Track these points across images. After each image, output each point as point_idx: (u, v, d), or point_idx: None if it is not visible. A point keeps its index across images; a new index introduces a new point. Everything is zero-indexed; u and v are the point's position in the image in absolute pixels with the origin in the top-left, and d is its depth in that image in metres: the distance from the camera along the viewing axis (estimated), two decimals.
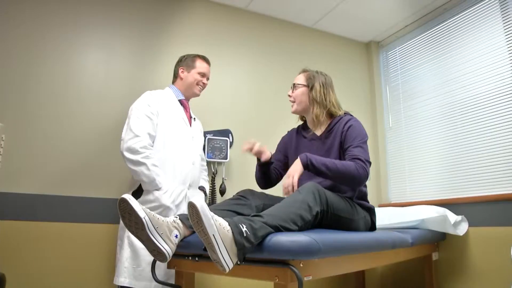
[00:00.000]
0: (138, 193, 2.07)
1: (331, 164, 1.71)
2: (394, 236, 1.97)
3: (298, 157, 1.74)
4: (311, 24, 3.46)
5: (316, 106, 1.97)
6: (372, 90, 3.64)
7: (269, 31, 3.30)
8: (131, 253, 1.99)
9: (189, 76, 2.32)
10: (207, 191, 2.48)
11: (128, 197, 1.41)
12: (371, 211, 1.92)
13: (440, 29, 3.12)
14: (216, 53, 3.02)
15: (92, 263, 2.34)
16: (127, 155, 2.00)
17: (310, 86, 1.99)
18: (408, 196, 3.22)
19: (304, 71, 2.08)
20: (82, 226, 2.36)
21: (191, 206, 1.27)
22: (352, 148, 1.81)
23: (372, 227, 1.93)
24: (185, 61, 2.34)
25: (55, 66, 2.48)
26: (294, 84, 2.05)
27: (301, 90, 2.02)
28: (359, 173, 1.71)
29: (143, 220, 1.39)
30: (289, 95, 2.07)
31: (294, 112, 2.08)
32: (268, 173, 2.07)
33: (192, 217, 1.29)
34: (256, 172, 2.11)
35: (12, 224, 2.19)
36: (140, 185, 2.07)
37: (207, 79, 2.38)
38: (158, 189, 2.04)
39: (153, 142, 2.11)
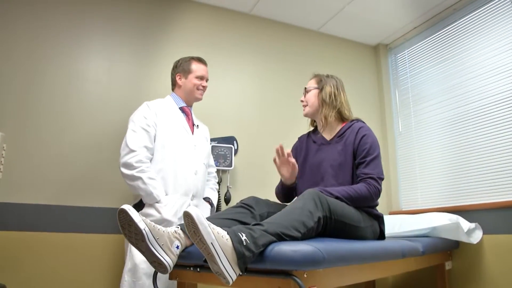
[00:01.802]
0: (139, 206, 2.06)
1: (344, 194, 1.74)
2: (404, 245, 1.93)
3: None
4: (317, 27, 3.45)
5: (325, 107, 2.01)
6: (381, 94, 3.62)
7: (273, 35, 3.30)
8: (131, 266, 1.98)
9: (187, 82, 2.29)
10: (215, 201, 2.40)
11: (128, 207, 1.41)
12: (379, 219, 1.90)
13: (450, 31, 3.09)
14: (220, 58, 3.04)
15: (95, 274, 2.34)
16: (124, 170, 2.03)
17: (320, 88, 2.05)
18: (419, 203, 3.18)
19: (315, 76, 2.14)
20: (85, 236, 2.37)
21: (186, 215, 1.26)
22: (364, 165, 1.86)
23: (380, 235, 1.90)
24: (181, 67, 2.31)
25: (57, 74, 2.51)
26: (305, 88, 2.11)
27: (312, 93, 2.07)
28: (371, 194, 1.79)
29: (143, 231, 1.39)
30: (302, 100, 2.12)
31: (305, 115, 2.12)
32: (291, 191, 2.08)
33: (188, 227, 1.28)
34: (278, 187, 2.13)
35: (13, 234, 2.21)
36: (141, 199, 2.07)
37: (206, 80, 2.35)
38: (157, 201, 2.03)
39: (152, 154, 2.11)
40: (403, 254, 1.88)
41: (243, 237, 1.26)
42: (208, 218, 1.42)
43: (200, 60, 2.34)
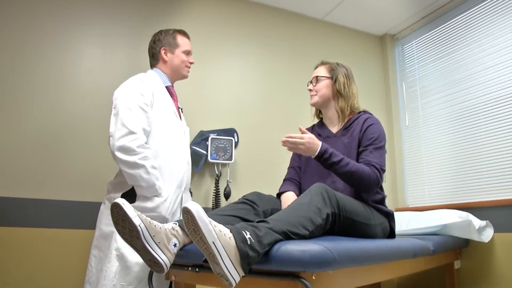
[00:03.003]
0: (130, 197, 1.79)
1: (346, 159, 1.66)
2: (415, 244, 1.86)
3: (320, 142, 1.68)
4: (321, 16, 3.37)
5: (341, 99, 1.92)
6: (387, 86, 3.54)
7: (276, 23, 3.21)
8: (121, 268, 1.72)
9: (175, 57, 2.07)
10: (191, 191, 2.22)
11: (122, 201, 1.32)
12: (389, 217, 1.82)
13: (460, 21, 3.01)
14: (221, 47, 2.96)
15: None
16: (121, 155, 1.72)
17: (334, 78, 1.94)
18: (426, 199, 3.11)
19: (323, 63, 2.03)
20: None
21: (186, 212, 1.17)
22: (367, 152, 1.76)
23: (391, 233, 1.82)
24: (165, 40, 2.07)
25: (47, 62, 2.41)
26: (316, 77, 1.98)
27: (325, 83, 1.96)
28: (371, 179, 1.67)
29: (138, 227, 1.30)
30: (310, 89, 2.00)
31: (313, 104, 2.01)
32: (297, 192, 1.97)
33: (188, 225, 1.19)
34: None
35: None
36: (133, 187, 1.81)
37: (191, 55, 2.15)
38: (157, 195, 1.82)
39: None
40: (414, 253, 1.81)
41: (247, 236, 1.18)
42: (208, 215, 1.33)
43: (185, 34, 2.14)
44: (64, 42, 2.47)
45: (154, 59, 2.11)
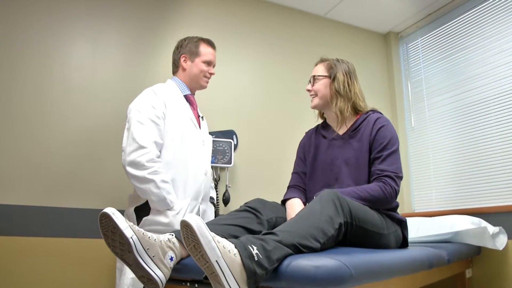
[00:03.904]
0: (144, 210, 1.80)
1: (354, 196, 1.54)
2: (430, 254, 1.74)
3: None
4: (323, 13, 3.29)
5: (340, 99, 1.78)
6: (392, 86, 3.46)
7: (277, 20, 3.12)
8: (134, 282, 1.73)
9: (194, 66, 2.03)
10: (214, 201, 2.21)
11: (111, 211, 1.19)
12: (402, 224, 1.71)
13: (468, 17, 2.92)
14: (219, 44, 2.77)
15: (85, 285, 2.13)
16: (131, 170, 1.74)
17: (332, 77, 1.80)
18: (434, 204, 3.02)
19: (322, 60, 1.89)
20: (70, 241, 2.16)
21: (185, 226, 1.05)
22: (381, 160, 1.66)
23: (403, 242, 1.72)
24: (187, 47, 2.04)
25: (34, 60, 2.28)
26: (314, 76, 1.86)
27: (323, 82, 1.83)
28: (386, 195, 1.58)
29: (130, 240, 1.17)
30: (308, 90, 1.88)
31: (314, 107, 1.89)
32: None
33: (187, 240, 1.07)
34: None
35: None
36: (147, 201, 1.82)
37: (213, 67, 2.10)
38: (169, 208, 1.78)
39: (160, 152, 1.84)
40: (430, 264, 1.69)
41: (254, 251, 1.06)
42: (207, 224, 1.21)
43: (209, 43, 2.09)
44: (53, 38, 2.35)
45: (175, 66, 2.09)
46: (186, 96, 2.03)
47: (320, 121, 2.00)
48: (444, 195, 2.94)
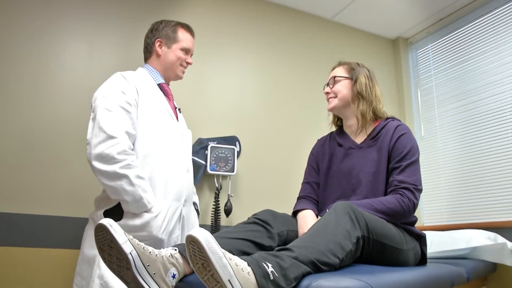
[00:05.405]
0: (115, 214, 1.55)
1: (370, 209, 1.46)
2: (451, 271, 1.67)
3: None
4: (330, 16, 3.24)
5: (362, 102, 1.72)
6: (401, 93, 3.40)
7: (281, 23, 3.06)
8: None
9: (170, 52, 1.85)
10: (198, 207, 1.99)
11: (109, 223, 1.08)
12: (421, 240, 1.63)
13: (481, 24, 2.88)
14: (221, 47, 2.79)
15: None
16: (98, 165, 1.48)
17: (354, 79, 1.75)
18: (444, 218, 2.93)
19: (341, 63, 1.85)
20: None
21: (192, 242, 0.95)
22: (399, 171, 1.58)
23: (422, 259, 1.63)
24: (164, 31, 1.86)
25: (26, 60, 2.20)
26: (334, 77, 1.80)
27: (344, 83, 1.77)
28: (404, 209, 1.51)
29: (129, 256, 1.06)
30: (327, 92, 1.81)
31: (331, 109, 1.81)
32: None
33: (193, 258, 0.97)
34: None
35: None
36: (119, 203, 1.57)
37: (191, 55, 1.94)
38: (146, 210, 1.55)
39: (133, 144, 1.60)
40: (452, 283, 1.61)
41: (269, 269, 0.97)
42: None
43: (188, 29, 1.93)
44: (47, 38, 2.26)
45: (147, 52, 1.89)
46: (160, 85, 1.84)
47: (333, 128, 1.93)
48: (455, 208, 2.87)
